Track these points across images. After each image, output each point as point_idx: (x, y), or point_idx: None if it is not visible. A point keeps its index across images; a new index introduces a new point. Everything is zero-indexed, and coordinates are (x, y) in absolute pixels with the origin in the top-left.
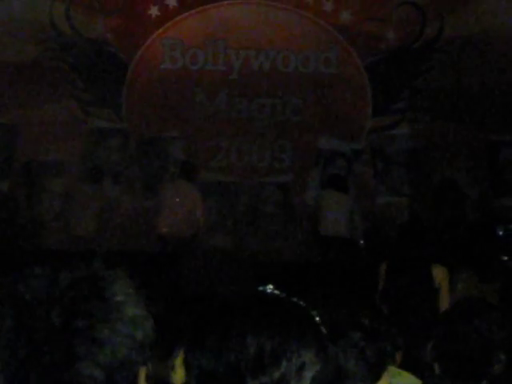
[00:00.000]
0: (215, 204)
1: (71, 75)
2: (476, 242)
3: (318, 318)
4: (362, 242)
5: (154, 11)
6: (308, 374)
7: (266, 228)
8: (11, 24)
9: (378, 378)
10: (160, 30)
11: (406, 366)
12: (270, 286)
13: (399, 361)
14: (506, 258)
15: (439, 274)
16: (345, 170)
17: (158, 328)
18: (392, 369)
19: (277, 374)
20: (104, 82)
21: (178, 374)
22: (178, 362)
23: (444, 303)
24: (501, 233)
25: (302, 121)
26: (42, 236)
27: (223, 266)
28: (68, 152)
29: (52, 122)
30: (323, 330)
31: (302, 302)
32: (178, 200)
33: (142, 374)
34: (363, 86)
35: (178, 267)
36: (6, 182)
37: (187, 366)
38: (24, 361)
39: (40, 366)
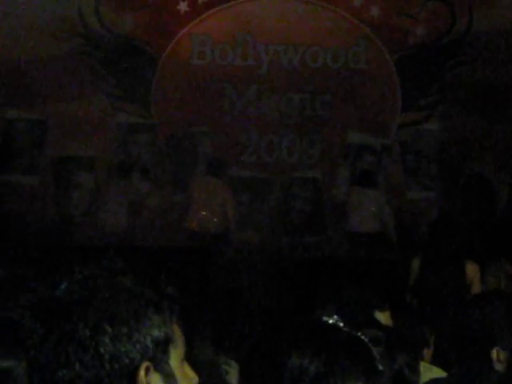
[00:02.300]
0: (245, 200)
1: (100, 71)
2: (505, 238)
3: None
4: (392, 237)
5: (182, 7)
6: None
7: (296, 224)
8: (40, 19)
9: None
10: (189, 26)
11: (436, 361)
12: (335, 317)
13: (429, 356)
14: None
15: (471, 270)
16: (374, 166)
17: (185, 322)
18: (423, 365)
19: None
20: (133, 77)
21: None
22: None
23: None
24: None
25: (331, 116)
26: (71, 232)
27: (253, 261)
28: (97, 147)
29: (81, 118)
30: (379, 366)
31: (364, 338)
32: (207, 195)
33: (142, 372)
34: (392, 80)
35: (208, 263)
36: (36, 177)
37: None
38: (54, 361)
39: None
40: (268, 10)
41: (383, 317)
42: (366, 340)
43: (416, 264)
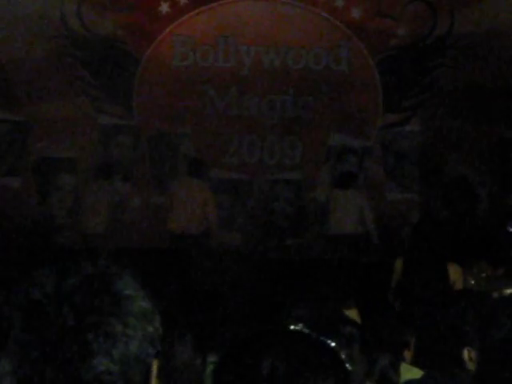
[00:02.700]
0: (226, 201)
1: (82, 72)
2: (487, 239)
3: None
4: (373, 239)
5: (164, 8)
6: None
7: (278, 225)
8: (22, 21)
9: None
10: (171, 27)
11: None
12: (300, 325)
13: (410, 357)
14: None
15: (454, 271)
16: (355, 167)
17: (164, 324)
18: (403, 365)
19: None
20: (115, 78)
21: None
22: None
23: None
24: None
25: (313, 118)
26: (52, 233)
27: (233, 263)
28: (79, 149)
29: (63, 119)
30: (348, 368)
31: (331, 342)
32: (188, 197)
33: (155, 367)
34: (374, 82)
35: (188, 264)
36: (18, 178)
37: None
38: (37, 361)
39: (55, 364)
40: (250, 12)
41: (350, 314)
42: (333, 343)
43: (399, 265)
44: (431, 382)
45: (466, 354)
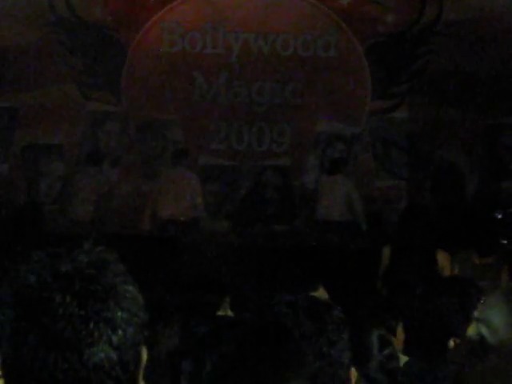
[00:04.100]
0: (215, 188)
1: (70, 59)
2: (475, 226)
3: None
4: (361, 225)
5: None
6: None
7: (266, 212)
8: (9, 7)
9: None
10: (159, 14)
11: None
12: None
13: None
14: (505, 242)
15: (442, 258)
16: (344, 154)
17: (150, 311)
18: None
19: None
20: (103, 65)
21: None
22: None
23: None
24: (500, 216)
25: (301, 104)
26: (40, 219)
27: (222, 250)
28: (67, 135)
29: (51, 106)
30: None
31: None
32: (176, 184)
33: (144, 353)
34: (362, 69)
35: (177, 251)
36: (6, 165)
37: None
38: (36, 348)
39: (56, 350)
40: None
41: (317, 295)
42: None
43: (387, 252)
44: (414, 370)
45: (451, 344)
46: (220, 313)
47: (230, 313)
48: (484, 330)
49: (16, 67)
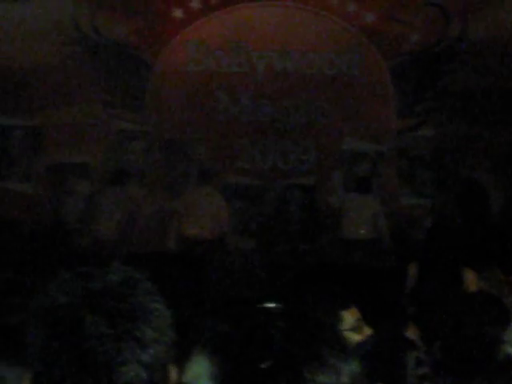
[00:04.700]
0: (240, 206)
1: (95, 78)
2: (500, 243)
3: None
4: (386, 244)
5: (177, 13)
6: None
7: (291, 230)
8: (35, 26)
9: None
10: (184, 32)
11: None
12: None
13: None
14: None
15: (469, 276)
16: (369, 172)
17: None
18: None
19: None
20: (128, 84)
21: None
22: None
23: None
24: None
25: (326, 122)
26: (65, 238)
27: (247, 268)
28: (92, 154)
29: (76, 125)
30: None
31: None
32: (201, 202)
33: (173, 371)
34: (387, 87)
35: (202, 269)
36: (31, 184)
37: None
38: (67, 367)
39: (85, 370)
40: (263, 17)
41: (349, 314)
42: None
43: (413, 270)
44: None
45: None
46: None
47: None
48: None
49: (41, 86)
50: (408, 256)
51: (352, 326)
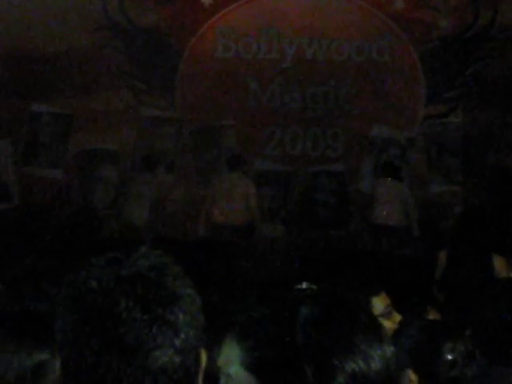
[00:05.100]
0: (269, 193)
1: (125, 64)
2: None
3: None
4: (415, 231)
5: (207, 0)
6: None
7: (321, 217)
8: (65, 13)
9: None
10: (213, 19)
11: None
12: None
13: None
14: None
15: (499, 263)
16: (398, 159)
17: (208, 316)
18: None
19: None
20: (157, 70)
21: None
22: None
23: None
24: None
25: (355, 109)
26: (95, 225)
27: (277, 254)
28: (122, 141)
29: (106, 111)
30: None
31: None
32: (230, 189)
33: (204, 356)
34: (416, 74)
35: (232, 256)
36: (61, 170)
37: None
38: (99, 352)
39: (118, 355)
40: (292, 3)
41: (379, 300)
42: None
43: (443, 257)
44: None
45: None
46: None
47: None
48: None
49: (70, 73)
50: (437, 243)
51: (382, 312)
